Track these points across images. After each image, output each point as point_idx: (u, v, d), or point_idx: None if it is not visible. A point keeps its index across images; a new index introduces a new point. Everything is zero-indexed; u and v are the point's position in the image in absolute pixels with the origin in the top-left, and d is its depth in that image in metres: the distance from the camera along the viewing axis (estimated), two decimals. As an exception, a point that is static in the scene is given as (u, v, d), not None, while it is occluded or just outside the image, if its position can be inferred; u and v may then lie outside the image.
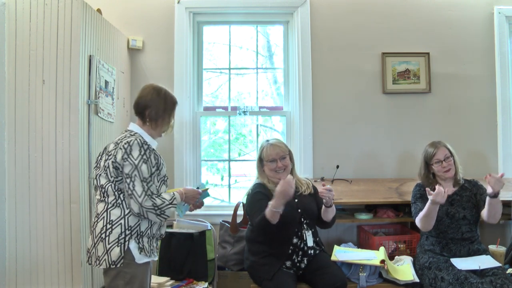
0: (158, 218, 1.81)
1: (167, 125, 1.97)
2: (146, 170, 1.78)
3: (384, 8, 3.21)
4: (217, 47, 3.43)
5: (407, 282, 2.31)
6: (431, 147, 2.51)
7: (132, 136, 1.84)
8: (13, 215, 2.32)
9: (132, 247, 1.79)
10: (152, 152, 1.83)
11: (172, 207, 1.84)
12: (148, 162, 1.79)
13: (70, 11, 2.28)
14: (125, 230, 1.79)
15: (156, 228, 1.91)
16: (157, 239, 1.95)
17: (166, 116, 1.95)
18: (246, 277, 2.55)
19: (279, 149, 2.39)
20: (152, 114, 1.91)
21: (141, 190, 1.75)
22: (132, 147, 1.78)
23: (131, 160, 1.76)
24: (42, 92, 2.31)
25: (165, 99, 1.94)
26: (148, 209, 1.77)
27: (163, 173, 1.90)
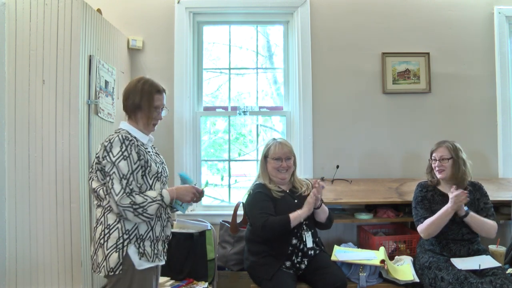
0: (139, 218, 1.66)
1: (146, 117, 1.80)
2: (126, 167, 1.66)
3: (384, 8, 3.21)
4: (217, 47, 3.43)
5: (407, 282, 2.31)
6: (436, 144, 2.52)
7: (117, 133, 1.75)
8: (13, 215, 2.32)
9: (131, 252, 1.69)
10: (135, 148, 1.70)
11: (157, 205, 1.69)
12: (129, 158, 1.67)
13: (70, 11, 2.29)
14: (122, 234, 1.69)
15: (159, 229, 1.80)
16: (164, 241, 1.84)
17: (144, 106, 1.79)
18: (246, 277, 2.55)
19: (286, 148, 2.40)
20: (129, 106, 1.80)
21: (119, 188, 1.64)
22: (112, 144, 1.68)
23: (110, 157, 1.66)
24: (42, 92, 2.31)
25: (141, 88, 1.79)
26: (125, 207, 1.64)
27: (154, 169, 1.76)
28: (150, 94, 1.80)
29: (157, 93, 1.82)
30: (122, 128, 1.80)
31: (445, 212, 2.28)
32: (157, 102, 1.82)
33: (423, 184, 2.53)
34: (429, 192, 2.48)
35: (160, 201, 1.72)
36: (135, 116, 1.81)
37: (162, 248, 1.84)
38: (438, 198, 2.44)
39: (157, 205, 1.70)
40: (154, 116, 1.82)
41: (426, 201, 2.45)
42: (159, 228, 1.80)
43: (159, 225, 1.80)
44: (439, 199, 2.44)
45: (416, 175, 3.07)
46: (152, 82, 1.83)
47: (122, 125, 1.82)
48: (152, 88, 1.81)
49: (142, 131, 1.82)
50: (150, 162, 1.76)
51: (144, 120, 1.81)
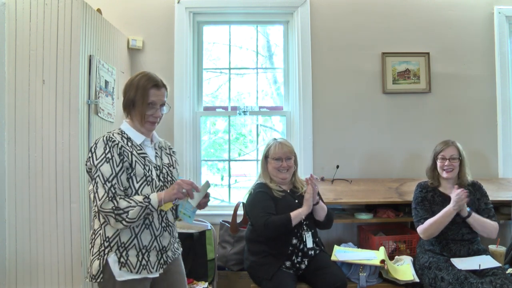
0: (121, 224, 1.51)
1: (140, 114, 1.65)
2: (108, 169, 1.54)
3: (384, 8, 3.21)
4: (217, 47, 3.43)
5: (407, 282, 2.31)
6: (442, 143, 2.51)
7: (108, 133, 1.64)
8: (13, 215, 2.32)
9: (110, 261, 1.55)
10: (117, 149, 1.57)
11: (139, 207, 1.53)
12: (112, 160, 1.55)
13: (70, 11, 2.28)
14: (103, 241, 1.58)
15: (148, 238, 1.62)
16: (159, 252, 1.66)
17: (138, 102, 1.64)
18: (246, 277, 2.55)
19: (286, 148, 2.40)
20: (125, 102, 1.67)
21: (102, 192, 1.52)
22: (97, 146, 1.58)
23: (93, 160, 1.56)
24: (42, 92, 2.31)
25: (137, 82, 1.65)
26: (107, 212, 1.51)
27: (140, 172, 1.60)
28: (144, 89, 1.64)
29: (153, 87, 1.66)
30: (120, 127, 1.70)
31: (447, 213, 2.28)
32: (152, 98, 1.65)
33: (423, 185, 2.53)
34: (429, 193, 2.48)
35: (144, 204, 1.54)
36: (130, 113, 1.68)
37: (156, 260, 1.65)
38: (438, 199, 2.44)
39: (139, 208, 1.53)
40: (149, 112, 1.66)
41: (426, 201, 2.45)
42: (148, 237, 1.62)
43: (147, 233, 1.62)
44: (439, 200, 2.44)
45: (416, 175, 3.07)
46: (150, 76, 1.68)
47: (122, 125, 1.71)
48: (148, 82, 1.65)
49: (139, 130, 1.69)
50: (136, 164, 1.60)
51: (138, 117, 1.65)
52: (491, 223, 2.33)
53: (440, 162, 2.47)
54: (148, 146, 1.73)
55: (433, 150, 2.55)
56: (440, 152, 2.48)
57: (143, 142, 1.70)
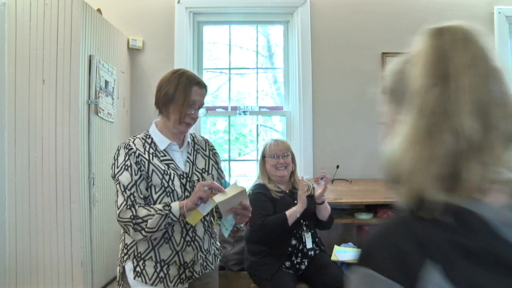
0: (140, 234, 1.41)
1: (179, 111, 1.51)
2: (128, 177, 1.45)
3: (384, 8, 3.21)
4: (217, 47, 3.43)
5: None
6: None
7: (132, 138, 1.57)
8: (13, 215, 2.32)
9: (127, 268, 1.52)
10: (134, 157, 1.48)
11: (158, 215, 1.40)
12: (131, 168, 1.46)
13: (70, 11, 2.28)
14: (123, 247, 1.55)
15: (168, 253, 1.50)
16: (182, 266, 1.52)
17: (179, 99, 1.51)
18: (246, 277, 2.55)
19: (282, 145, 2.41)
20: (161, 97, 1.54)
21: (121, 200, 1.44)
22: (119, 153, 1.51)
23: (115, 167, 1.49)
24: (42, 92, 2.31)
25: (178, 78, 1.53)
26: (126, 222, 1.42)
27: (156, 182, 1.48)
28: (187, 86, 1.52)
29: (196, 85, 1.55)
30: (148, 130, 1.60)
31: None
32: (194, 96, 1.54)
33: None
34: None
35: (164, 212, 1.41)
36: (167, 110, 1.53)
37: (176, 274, 1.51)
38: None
39: (159, 216, 1.40)
40: (188, 111, 1.53)
41: None
42: (167, 251, 1.50)
43: (166, 248, 1.50)
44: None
45: (416, 175, 3.07)
46: (192, 74, 1.58)
47: (150, 127, 1.61)
48: (191, 80, 1.54)
49: (167, 134, 1.56)
50: (153, 173, 1.49)
51: (176, 116, 1.51)
52: None
53: None
54: (176, 150, 1.58)
55: None
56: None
57: (169, 146, 1.56)
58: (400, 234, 0.53)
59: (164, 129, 1.57)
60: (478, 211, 0.51)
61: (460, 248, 0.49)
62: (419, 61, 0.58)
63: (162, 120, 1.58)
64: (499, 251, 0.49)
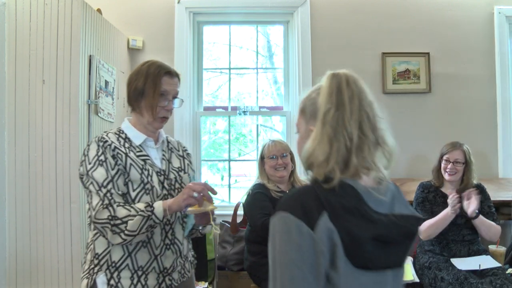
0: (119, 236, 1.25)
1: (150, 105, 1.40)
2: (103, 173, 1.31)
3: (384, 8, 3.21)
4: (217, 47, 3.43)
5: (407, 282, 2.31)
6: (449, 145, 2.48)
7: (103, 133, 1.43)
8: (13, 215, 2.32)
9: (99, 282, 1.32)
10: (111, 151, 1.35)
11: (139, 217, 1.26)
12: (105, 163, 1.32)
13: (70, 11, 2.28)
14: (93, 258, 1.36)
15: (146, 258, 1.35)
16: (161, 274, 1.38)
17: (149, 91, 1.40)
18: (246, 277, 2.55)
19: (280, 146, 2.41)
20: (131, 92, 1.43)
21: (97, 200, 1.29)
22: (90, 147, 1.36)
23: (86, 164, 1.34)
24: (42, 92, 2.31)
25: (147, 70, 1.44)
26: (103, 223, 1.26)
27: (135, 178, 1.36)
28: (155, 76, 1.42)
29: (166, 75, 1.45)
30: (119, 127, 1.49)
31: (445, 216, 2.27)
32: (165, 86, 1.43)
33: (425, 185, 2.52)
34: (431, 193, 2.47)
35: (146, 213, 1.27)
36: (139, 106, 1.43)
37: (156, 283, 1.37)
38: (440, 200, 2.44)
39: (140, 218, 1.26)
40: (161, 104, 1.42)
41: (427, 202, 2.44)
42: (145, 257, 1.35)
43: (144, 252, 1.35)
44: (440, 200, 2.43)
45: (416, 175, 3.07)
46: (161, 64, 1.48)
47: (123, 123, 1.50)
48: (160, 69, 1.45)
49: (142, 130, 1.46)
50: (131, 168, 1.36)
51: (149, 110, 1.41)
52: (495, 226, 2.33)
53: (444, 164, 2.46)
54: (151, 147, 1.48)
55: (440, 150, 2.54)
56: (445, 154, 2.46)
57: (145, 142, 1.46)
58: (309, 195, 0.86)
59: (138, 125, 1.46)
60: (354, 185, 0.86)
61: (341, 205, 0.83)
62: (323, 92, 0.91)
63: (136, 116, 1.46)
64: (362, 208, 0.84)
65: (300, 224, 0.82)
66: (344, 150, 0.87)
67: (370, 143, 0.90)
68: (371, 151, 0.90)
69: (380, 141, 0.95)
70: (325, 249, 0.81)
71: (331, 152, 0.86)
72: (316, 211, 0.82)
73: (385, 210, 0.88)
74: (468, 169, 2.42)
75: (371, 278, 0.86)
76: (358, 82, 0.95)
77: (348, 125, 0.88)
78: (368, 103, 0.95)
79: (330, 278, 0.83)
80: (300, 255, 0.81)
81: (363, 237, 0.82)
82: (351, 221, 0.82)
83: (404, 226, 0.88)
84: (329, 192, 0.84)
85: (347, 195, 0.84)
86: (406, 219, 0.89)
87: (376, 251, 0.84)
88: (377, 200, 0.88)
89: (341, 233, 0.81)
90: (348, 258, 0.82)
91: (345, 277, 0.82)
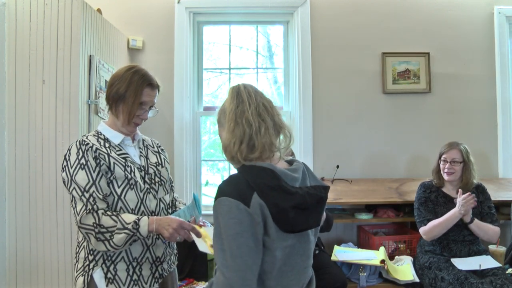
0: (103, 245, 1.31)
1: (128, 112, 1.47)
2: (84, 177, 1.36)
3: (384, 8, 3.21)
4: (217, 47, 3.43)
5: (407, 282, 2.31)
6: (446, 145, 2.49)
7: (82, 136, 1.48)
8: (13, 215, 2.32)
9: (96, 276, 1.38)
10: (92, 152, 1.40)
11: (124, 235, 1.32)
12: (87, 166, 1.37)
13: (70, 11, 2.28)
14: (88, 254, 1.41)
15: (139, 250, 1.44)
16: (153, 264, 1.47)
17: (129, 99, 1.47)
18: (246, 277, 2.54)
19: None
20: (112, 95, 1.49)
21: (80, 205, 1.34)
22: (70, 151, 1.41)
23: (68, 169, 1.39)
24: (42, 92, 2.31)
25: (130, 77, 1.48)
26: (87, 229, 1.31)
27: (120, 174, 1.42)
28: (139, 86, 1.48)
29: (148, 86, 1.50)
30: (96, 129, 1.55)
31: (453, 216, 2.27)
32: (145, 97, 1.50)
33: (427, 185, 2.52)
34: (433, 193, 2.47)
35: (131, 231, 1.33)
36: (116, 109, 1.50)
37: (150, 273, 1.47)
38: (442, 200, 2.44)
39: (125, 236, 1.32)
40: (137, 113, 1.50)
41: (430, 202, 2.44)
42: (139, 248, 1.44)
43: (137, 243, 1.43)
44: (442, 200, 2.43)
45: (416, 175, 3.07)
46: (145, 74, 1.51)
47: (99, 126, 1.56)
48: (144, 80, 1.49)
49: (118, 130, 1.52)
50: (115, 166, 1.43)
51: (125, 116, 1.48)
52: (492, 229, 2.32)
53: (442, 164, 2.46)
54: (129, 145, 1.55)
55: (439, 151, 2.54)
56: (443, 154, 2.48)
57: (123, 141, 1.52)
58: (239, 180, 1.08)
59: (114, 126, 1.53)
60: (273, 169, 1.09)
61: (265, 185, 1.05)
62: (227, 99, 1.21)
63: (112, 117, 1.53)
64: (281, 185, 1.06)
65: (238, 204, 1.03)
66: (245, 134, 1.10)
67: (269, 126, 1.13)
68: (270, 132, 1.13)
69: (279, 124, 1.17)
70: (259, 220, 1.03)
71: (233, 137, 1.11)
72: (247, 192, 1.04)
73: (299, 184, 1.12)
74: (466, 168, 2.41)
75: (296, 238, 1.11)
76: (253, 87, 1.20)
77: (248, 114, 1.12)
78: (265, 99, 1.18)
79: (265, 242, 1.06)
80: (242, 228, 1.02)
81: (286, 207, 1.04)
82: (275, 196, 1.04)
83: (315, 194, 1.12)
84: (255, 175, 1.07)
85: (268, 177, 1.06)
86: (316, 188, 1.14)
87: (297, 217, 1.06)
88: (292, 177, 1.11)
89: (270, 206, 1.04)
90: (277, 225, 1.05)
91: (276, 241, 1.07)
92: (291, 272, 1.12)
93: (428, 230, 2.34)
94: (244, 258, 1.03)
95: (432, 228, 2.32)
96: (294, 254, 1.12)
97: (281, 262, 1.09)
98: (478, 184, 2.48)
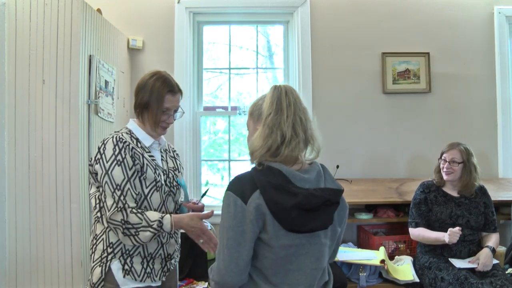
0: (129, 240, 1.43)
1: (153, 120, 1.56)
2: (120, 174, 1.44)
3: (384, 8, 3.21)
4: (217, 47, 3.43)
5: (407, 282, 2.31)
6: (448, 145, 2.49)
7: (116, 132, 1.55)
8: (13, 215, 2.32)
9: (114, 268, 1.49)
10: (129, 151, 1.48)
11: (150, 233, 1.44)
12: (123, 163, 1.45)
13: (70, 11, 2.28)
14: (106, 247, 1.51)
15: (155, 247, 1.56)
16: (164, 260, 1.60)
17: (153, 107, 1.55)
18: (246, 277, 2.54)
19: None
20: (138, 103, 1.58)
21: (111, 202, 1.42)
22: (106, 146, 1.48)
23: (103, 163, 1.45)
24: (42, 92, 2.31)
25: (152, 85, 1.55)
26: (116, 224, 1.42)
27: (150, 176, 1.52)
28: (159, 95, 1.55)
29: (168, 93, 1.57)
30: (127, 127, 1.62)
31: (440, 239, 2.27)
32: (167, 104, 1.57)
33: (427, 184, 2.52)
34: (432, 193, 2.47)
35: (156, 229, 1.45)
36: (142, 116, 1.59)
37: (160, 267, 1.59)
38: (441, 199, 2.44)
39: (151, 234, 1.44)
40: (162, 119, 1.58)
41: (424, 204, 2.44)
42: (154, 245, 1.56)
43: (154, 242, 1.55)
44: (441, 200, 2.43)
45: (416, 175, 3.07)
46: (166, 80, 1.58)
47: (129, 124, 1.63)
48: (164, 87, 1.56)
49: (148, 132, 1.60)
50: (147, 168, 1.52)
51: (151, 123, 1.57)
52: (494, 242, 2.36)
53: (442, 163, 2.46)
54: (155, 149, 1.64)
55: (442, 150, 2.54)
56: (443, 153, 2.48)
57: (152, 145, 1.61)
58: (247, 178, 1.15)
59: (143, 128, 1.61)
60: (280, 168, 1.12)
61: (268, 183, 1.10)
62: (267, 101, 1.19)
63: (139, 122, 1.62)
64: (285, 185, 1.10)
65: (236, 199, 1.11)
66: (275, 144, 1.14)
67: (300, 140, 1.17)
68: (299, 146, 1.17)
69: (310, 139, 1.21)
70: (253, 218, 1.09)
71: (262, 145, 1.15)
72: (250, 190, 1.11)
73: (311, 185, 1.14)
74: (466, 169, 2.41)
75: (306, 239, 1.14)
76: (294, 93, 1.21)
77: (284, 126, 1.15)
78: (302, 109, 1.20)
79: (262, 238, 1.12)
80: (234, 222, 1.11)
81: (287, 206, 1.07)
82: (276, 194, 1.08)
83: (321, 196, 1.11)
84: (261, 174, 1.12)
85: (274, 176, 1.11)
86: (324, 191, 1.14)
87: (299, 217, 1.09)
88: (301, 178, 1.13)
89: (268, 204, 1.09)
90: (278, 222, 1.09)
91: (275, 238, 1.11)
92: (298, 272, 1.15)
93: (415, 235, 2.42)
94: (231, 250, 1.11)
95: (419, 235, 2.39)
96: (301, 255, 1.14)
97: (285, 261, 1.13)
98: (480, 186, 2.47)
